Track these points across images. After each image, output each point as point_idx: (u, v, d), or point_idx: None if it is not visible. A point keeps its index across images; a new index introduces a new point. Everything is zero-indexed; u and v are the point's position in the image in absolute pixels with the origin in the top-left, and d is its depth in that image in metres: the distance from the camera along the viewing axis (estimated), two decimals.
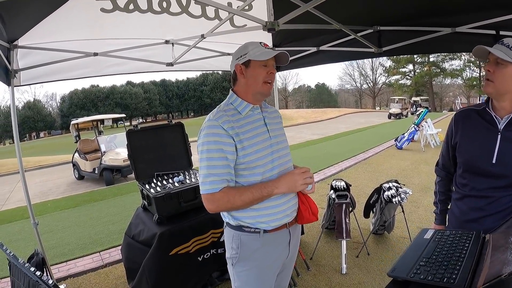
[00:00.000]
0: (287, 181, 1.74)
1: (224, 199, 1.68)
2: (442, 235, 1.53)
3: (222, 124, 1.69)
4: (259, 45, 1.79)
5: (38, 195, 10.39)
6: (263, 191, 1.70)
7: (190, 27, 3.37)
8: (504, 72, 1.63)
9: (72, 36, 3.16)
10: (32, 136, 56.81)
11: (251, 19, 2.32)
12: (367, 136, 16.92)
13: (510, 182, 1.69)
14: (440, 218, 2.14)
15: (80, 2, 2.63)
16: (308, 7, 2.23)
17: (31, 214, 3.45)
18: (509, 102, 1.69)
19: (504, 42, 1.65)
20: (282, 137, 1.96)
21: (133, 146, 3.47)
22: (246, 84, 1.82)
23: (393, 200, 4.08)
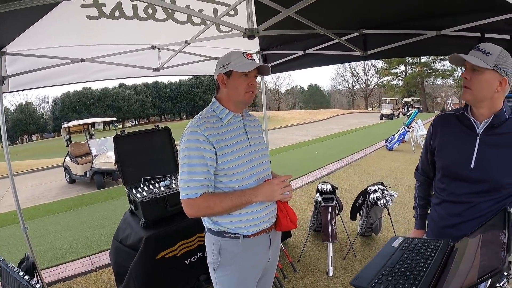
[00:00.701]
0: (265, 191, 1.79)
1: (204, 205, 1.71)
2: (410, 244, 1.52)
3: (203, 130, 1.72)
4: (241, 56, 1.82)
5: (30, 199, 10.36)
6: (242, 199, 1.74)
7: (177, 32, 3.39)
8: (481, 79, 1.62)
9: (60, 42, 3.18)
10: (25, 139, 56.34)
11: (230, 27, 2.34)
12: (358, 137, 17.02)
13: (489, 187, 1.68)
14: (420, 223, 2.13)
15: (66, 9, 2.65)
16: (289, 13, 2.24)
17: (21, 219, 3.45)
18: (488, 108, 1.68)
19: (480, 47, 1.63)
20: (262, 145, 2.00)
21: (120, 151, 3.50)
22: (227, 93, 1.86)
23: (379, 202, 4.14)
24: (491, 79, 1.60)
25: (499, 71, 1.57)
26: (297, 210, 6.01)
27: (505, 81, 1.60)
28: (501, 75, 1.58)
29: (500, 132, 1.67)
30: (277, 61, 4.48)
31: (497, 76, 1.59)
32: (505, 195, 1.67)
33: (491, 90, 1.62)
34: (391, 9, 2.88)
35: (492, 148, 1.68)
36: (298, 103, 78.38)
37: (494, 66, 1.57)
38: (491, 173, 1.66)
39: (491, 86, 1.61)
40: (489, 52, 1.59)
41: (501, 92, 1.63)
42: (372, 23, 3.20)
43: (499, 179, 1.65)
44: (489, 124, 1.68)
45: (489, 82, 1.60)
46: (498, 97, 1.65)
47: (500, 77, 1.59)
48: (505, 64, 1.58)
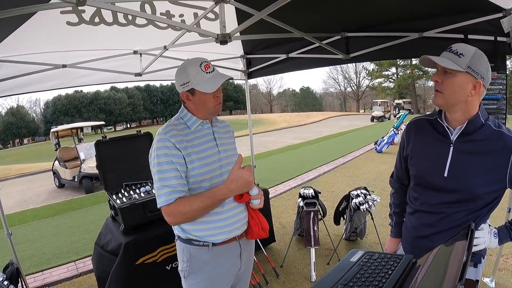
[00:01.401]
0: (238, 185, 1.70)
1: (177, 210, 1.68)
2: (370, 258, 1.41)
3: (170, 137, 1.72)
4: (199, 70, 1.76)
5: (18, 204, 10.28)
6: (213, 199, 1.69)
7: (158, 37, 3.39)
8: (453, 82, 1.52)
9: (41, 48, 3.19)
10: (16, 142, 55.90)
11: (203, 32, 2.35)
12: (348, 139, 17.14)
13: (463, 197, 1.59)
14: (396, 231, 2.05)
15: (45, 16, 2.65)
16: (262, 15, 2.23)
17: (5, 225, 3.47)
18: (461, 113, 1.58)
19: (452, 48, 1.54)
20: (233, 151, 2.01)
21: (101, 157, 3.51)
22: (195, 107, 1.85)
23: (361, 207, 4.15)
24: (464, 82, 1.50)
25: (472, 74, 1.48)
26: (283, 214, 6.07)
27: (479, 84, 1.50)
28: (475, 78, 1.49)
29: (476, 139, 1.57)
30: (261, 65, 4.50)
31: (470, 79, 1.50)
32: (480, 205, 1.58)
33: (464, 93, 1.52)
34: (373, 11, 2.87)
35: (466, 155, 1.58)
36: (290, 105, 78.55)
37: (467, 68, 1.48)
38: (466, 182, 1.57)
39: (464, 90, 1.51)
40: (462, 53, 1.50)
41: (475, 96, 1.53)
42: (354, 26, 3.20)
43: (474, 189, 1.56)
44: (463, 131, 1.58)
45: (461, 85, 1.51)
46: (472, 101, 1.55)
47: (474, 80, 1.49)
48: (479, 66, 1.49)
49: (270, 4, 2.06)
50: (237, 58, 4.66)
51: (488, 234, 1.56)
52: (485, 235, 1.55)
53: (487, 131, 1.56)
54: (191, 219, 1.76)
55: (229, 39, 2.31)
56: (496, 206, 1.63)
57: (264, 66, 4.48)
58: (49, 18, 2.71)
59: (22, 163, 21.61)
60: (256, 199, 1.87)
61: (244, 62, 4.70)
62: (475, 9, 2.37)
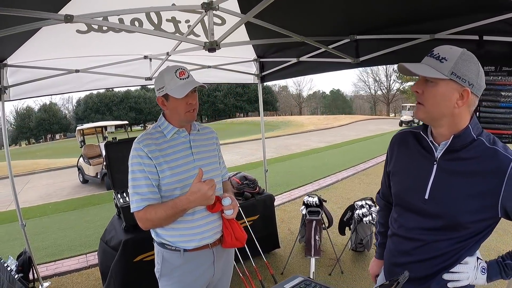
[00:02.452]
0: (197, 196, 1.71)
1: (145, 217, 1.76)
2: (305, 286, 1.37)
3: (143, 147, 1.78)
4: (174, 77, 1.81)
5: (42, 197, 10.71)
6: (174, 209, 1.73)
7: (167, 42, 3.47)
8: (435, 92, 1.30)
9: (55, 54, 3.40)
10: (48, 138, 57.93)
11: (191, 42, 2.41)
12: (373, 144, 16.75)
13: (444, 224, 1.37)
14: (379, 252, 1.82)
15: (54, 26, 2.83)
16: (248, 18, 2.22)
17: (19, 216, 3.73)
18: (448, 127, 1.34)
19: (434, 52, 1.32)
20: (212, 159, 2.03)
21: (111, 158, 3.70)
22: (170, 113, 1.90)
23: (364, 219, 4.09)
24: (448, 91, 1.28)
25: (457, 81, 1.25)
26: (294, 219, 6.04)
27: (467, 92, 1.26)
28: (461, 86, 1.26)
29: (464, 157, 1.33)
30: (273, 69, 4.53)
31: (455, 87, 1.27)
32: (465, 236, 1.36)
33: (449, 105, 1.29)
34: (382, 12, 2.78)
35: (451, 176, 1.35)
36: (320, 108, 77.94)
37: (451, 74, 1.25)
38: (448, 207, 1.34)
39: (448, 101, 1.28)
40: (444, 57, 1.27)
41: (463, 107, 1.29)
42: (363, 27, 3.12)
43: (457, 216, 1.32)
44: (448, 147, 1.35)
45: (445, 95, 1.28)
46: (460, 113, 1.31)
47: (460, 88, 1.26)
48: (466, 71, 1.25)
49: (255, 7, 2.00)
50: (250, 61, 4.70)
51: (473, 270, 1.37)
52: (469, 270, 1.37)
53: (479, 148, 1.32)
54: (159, 226, 1.83)
55: (217, 47, 2.27)
56: (487, 237, 1.40)
57: (276, 70, 4.50)
58: (59, 27, 2.78)
59: (51, 158, 22.39)
60: (228, 209, 1.90)
61: (257, 66, 4.76)
62: (490, 8, 2.17)
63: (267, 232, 4.43)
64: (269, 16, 2.56)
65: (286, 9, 2.91)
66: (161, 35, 2.39)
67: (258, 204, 4.27)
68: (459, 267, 1.38)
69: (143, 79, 4.10)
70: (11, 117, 55.46)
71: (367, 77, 63.55)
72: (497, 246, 4.37)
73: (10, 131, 52.59)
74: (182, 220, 1.84)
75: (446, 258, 1.39)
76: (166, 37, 2.42)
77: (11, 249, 5.28)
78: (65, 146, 34.50)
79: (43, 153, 29.01)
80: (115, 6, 2.53)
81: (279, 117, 55.25)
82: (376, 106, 65.83)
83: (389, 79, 59.75)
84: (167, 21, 3.23)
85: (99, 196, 9.67)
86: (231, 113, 65.83)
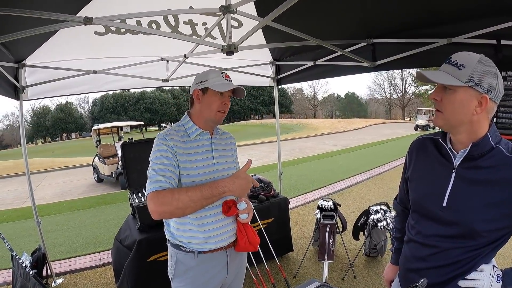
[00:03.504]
0: (241, 184, 1.75)
1: (169, 195, 1.63)
2: None
3: (169, 140, 1.77)
4: (220, 75, 1.88)
5: (58, 195, 10.90)
6: (214, 191, 1.69)
7: (184, 44, 3.40)
8: (453, 99, 1.29)
9: (73, 55, 3.47)
10: (64, 137, 58.91)
11: (208, 45, 2.40)
12: (388, 148, 16.58)
13: (461, 232, 1.36)
14: (395, 257, 1.82)
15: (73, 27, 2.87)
16: (266, 22, 2.20)
17: (35, 213, 3.82)
18: (466, 134, 1.33)
19: (452, 59, 1.31)
20: (230, 164, 2.04)
21: (127, 158, 3.73)
22: (200, 109, 1.90)
23: (379, 225, 4.03)
24: (466, 98, 1.27)
25: (476, 88, 1.24)
26: (308, 223, 6.01)
27: (485, 99, 1.25)
28: (479, 93, 1.25)
29: (482, 165, 1.32)
30: (290, 72, 4.53)
31: (474, 94, 1.26)
32: (481, 244, 1.34)
33: (467, 112, 1.28)
34: (399, 16, 2.77)
35: (469, 185, 1.34)
36: (334, 111, 77.83)
37: (469, 81, 1.24)
38: (465, 215, 1.33)
39: (467, 108, 1.28)
40: (462, 64, 1.27)
41: (482, 114, 1.28)
42: (380, 31, 3.11)
43: (474, 224, 1.31)
44: (467, 155, 1.34)
45: (463, 102, 1.27)
46: (479, 121, 1.30)
47: (479, 95, 1.25)
48: (484, 77, 1.24)
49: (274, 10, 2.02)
50: (266, 64, 4.72)
51: (488, 277, 1.35)
52: (484, 278, 1.35)
53: (497, 157, 1.30)
54: (181, 210, 1.67)
55: (235, 50, 2.29)
56: (503, 245, 1.38)
57: (292, 72, 4.50)
58: (77, 28, 2.83)
59: (66, 157, 22.76)
60: (244, 213, 1.90)
61: (274, 69, 4.77)
62: (508, 11, 2.13)
63: (281, 235, 4.41)
64: (286, 19, 2.54)
65: (303, 12, 2.90)
66: (179, 37, 2.40)
67: (272, 207, 4.26)
68: (475, 274, 1.36)
69: (160, 80, 4.13)
70: (27, 116, 56.82)
71: (382, 81, 63.43)
72: None
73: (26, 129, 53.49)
74: (197, 223, 1.83)
75: (461, 265, 1.38)
76: (183, 40, 2.43)
77: (26, 245, 5.37)
78: (81, 145, 35.07)
79: (59, 152, 29.57)
80: (133, 8, 2.57)
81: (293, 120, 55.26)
82: (391, 110, 65.35)
83: (404, 82, 59.35)
84: (184, 24, 3.26)
85: (113, 195, 9.78)
86: (245, 115, 66.02)
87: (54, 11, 1.88)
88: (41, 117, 56.16)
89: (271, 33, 3.46)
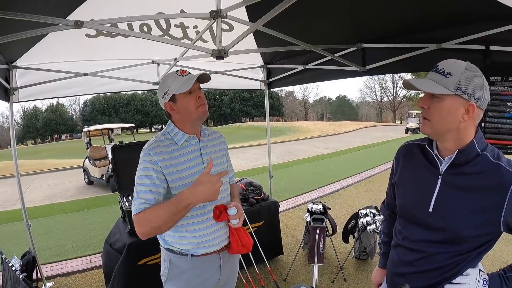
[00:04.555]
0: (203, 190, 1.66)
1: (143, 218, 1.65)
2: None
3: (153, 155, 1.74)
4: (176, 77, 1.81)
5: (48, 197, 10.79)
6: (178, 206, 1.64)
7: (175, 47, 3.50)
8: (441, 108, 1.30)
9: (64, 57, 3.44)
10: (55, 138, 58.37)
11: (198, 49, 2.40)
12: (379, 151, 16.73)
13: (447, 238, 1.38)
14: (383, 262, 1.84)
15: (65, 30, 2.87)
16: (257, 27, 2.19)
17: (25, 216, 3.76)
18: (453, 142, 1.35)
19: (439, 67, 1.32)
20: (221, 165, 2.01)
21: (117, 161, 3.72)
22: (180, 117, 1.86)
23: (368, 228, 4.06)
24: (454, 106, 1.28)
25: (463, 96, 1.26)
26: (298, 226, 6.03)
27: (472, 106, 1.27)
28: (467, 100, 1.26)
29: (468, 172, 1.34)
30: (280, 75, 4.56)
31: (461, 102, 1.27)
32: (467, 249, 1.37)
33: (455, 120, 1.29)
34: (389, 21, 2.79)
35: (455, 191, 1.36)
36: (326, 114, 78.05)
37: (456, 90, 1.26)
38: (451, 221, 1.36)
39: (454, 115, 1.29)
40: (449, 72, 1.28)
41: (469, 121, 1.30)
42: (370, 36, 3.14)
43: (460, 230, 1.34)
44: (453, 161, 1.36)
45: (451, 110, 1.28)
46: (466, 128, 1.31)
47: (466, 103, 1.27)
48: (471, 85, 1.26)
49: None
50: (257, 68, 4.73)
51: (475, 281, 1.36)
52: (471, 282, 1.36)
53: (483, 164, 1.32)
54: (158, 229, 1.69)
55: (225, 55, 2.26)
56: (489, 250, 1.40)
57: (283, 76, 4.53)
58: (69, 31, 2.86)
59: (57, 158, 22.54)
60: (234, 219, 1.88)
61: (264, 72, 4.79)
62: (497, 17, 2.17)
63: (271, 238, 4.43)
64: (277, 24, 2.56)
65: (294, 17, 2.92)
66: (169, 42, 2.41)
67: (262, 210, 4.28)
68: (461, 278, 1.38)
69: (151, 83, 4.13)
70: (18, 117, 56.17)
71: (373, 84, 63.60)
72: (501, 257, 4.34)
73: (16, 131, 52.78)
74: (189, 230, 1.84)
75: (447, 269, 1.40)
76: (174, 44, 2.43)
77: (16, 248, 5.29)
78: (71, 147, 34.73)
79: (49, 153, 29.24)
80: (124, 11, 2.57)
81: (284, 123, 55.27)
82: (382, 113, 65.68)
83: (395, 85, 59.70)
84: (175, 27, 3.24)
85: (104, 198, 9.74)
86: (237, 118, 65.96)
87: (45, 14, 1.88)
88: (32, 118, 55.51)
89: (262, 37, 3.48)
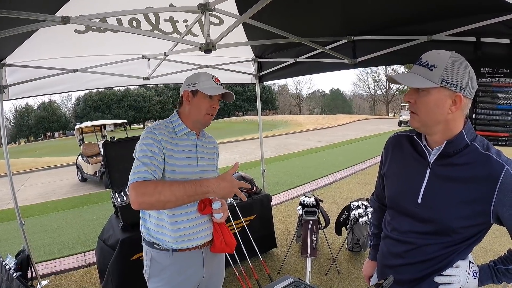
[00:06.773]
0: (225, 187, 1.71)
1: (152, 187, 1.62)
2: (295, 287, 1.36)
3: (157, 134, 1.79)
4: (210, 79, 1.91)
5: (41, 195, 10.73)
6: (197, 189, 1.67)
7: (165, 42, 3.40)
8: (427, 101, 1.28)
9: (54, 54, 3.42)
10: (47, 136, 57.90)
11: (186, 43, 2.40)
12: (371, 144, 16.74)
13: (436, 229, 1.37)
14: (373, 253, 1.83)
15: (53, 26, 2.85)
16: (244, 19, 2.21)
17: (18, 215, 3.74)
18: (441, 134, 1.34)
19: (422, 60, 1.30)
20: (211, 168, 2.07)
21: (109, 157, 3.70)
22: (189, 110, 1.92)
23: (360, 220, 4.10)
24: (441, 99, 1.26)
25: (449, 87, 1.24)
26: (291, 219, 6.06)
27: (459, 97, 1.25)
28: (453, 91, 1.24)
29: (456, 163, 1.33)
30: (271, 69, 4.56)
31: (448, 94, 1.25)
32: (456, 241, 1.36)
33: (443, 112, 1.27)
34: (380, 14, 2.80)
35: (444, 182, 1.35)
36: (319, 107, 78.15)
37: (442, 82, 1.23)
38: (439, 212, 1.34)
39: (442, 108, 1.27)
40: (433, 64, 1.25)
41: (457, 112, 1.28)
42: (361, 28, 3.14)
43: (448, 221, 1.33)
44: (441, 152, 1.35)
45: (438, 103, 1.26)
46: (454, 119, 1.30)
47: (453, 94, 1.25)
48: (456, 76, 1.24)
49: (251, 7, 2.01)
50: (248, 61, 4.73)
51: (465, 273, 1.36)
52: (461, 274, 1.36)
53: (472, 154, 1.31)
54: (163, 203, 1.65)
55: (213, 48, 2.27)
56: (479, 241, 1.40)
57: (274, 69, 4.53)
58: (57, 27, 2.84)
59: (50, 157, 22.39)
60: (218, 213, 1.92)
61: (256, 66, 4.79)
62: (488, 9, 2.17)
63: (264, 232, 4.46)
64: (266, 17, 2.56)
65: (284, 9, 2.93)
66: (158, 36, 2.41)
67: (255, 204, 4.29)
68: (451, 270, 1.38)
69: (141, 78, 4.12)
70: (10, 115, 55.60)
71: (366, 77, 63.71)
72: (494, 248, 4.38)
73: (9, 129, 52.61)
74: (171, 221, 1.84)
75: (437, 261, 1.39)
76: (162, 39, 2.42)
77: (10, 248, 5.31)
78: (64, 144, 34.51)
79: (42, 151, 29.04)
80: (113, 6, 2.55)
81: (278, 116, 55.27)
82: (376, 106, 65.81)
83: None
84: (165, 21, 3.23)
85: (97, 195, 9.71)
86: (230, 112, 65.84)
87: (33, 11, 1.86)
88: (24, 116, 54.92)
89: (252, 30, 3.48)
